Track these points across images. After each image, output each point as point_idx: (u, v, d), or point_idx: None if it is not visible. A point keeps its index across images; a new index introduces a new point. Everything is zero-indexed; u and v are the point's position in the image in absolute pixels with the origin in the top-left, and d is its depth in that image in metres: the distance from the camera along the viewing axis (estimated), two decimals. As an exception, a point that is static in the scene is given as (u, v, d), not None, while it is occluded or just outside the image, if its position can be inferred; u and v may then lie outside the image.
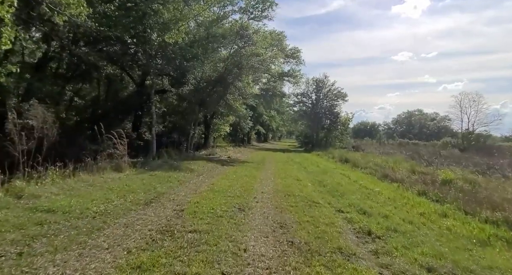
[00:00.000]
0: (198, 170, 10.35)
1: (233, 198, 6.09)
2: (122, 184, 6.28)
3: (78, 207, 4.34)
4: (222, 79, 15.54)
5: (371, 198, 7.56)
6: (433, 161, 19.11)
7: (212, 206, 5.23)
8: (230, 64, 15.96)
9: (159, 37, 12.09)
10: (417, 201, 7.22)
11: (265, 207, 5.63)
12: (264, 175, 10.42)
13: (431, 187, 8.83)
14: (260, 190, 7.46)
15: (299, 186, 8.45)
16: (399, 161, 16.90)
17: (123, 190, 5.72)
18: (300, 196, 6.93)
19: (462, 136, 43.39)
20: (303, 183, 9.05)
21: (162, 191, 6.12)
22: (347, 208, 6.22)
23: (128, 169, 7.88)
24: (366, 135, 69.41)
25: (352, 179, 11.14)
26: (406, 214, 6.06)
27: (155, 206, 5.04)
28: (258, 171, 11.56)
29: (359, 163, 16.76)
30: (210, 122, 22.38)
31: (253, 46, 15.67)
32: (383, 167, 14.63)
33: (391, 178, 11.11)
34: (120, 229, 3.73)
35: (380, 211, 6.01)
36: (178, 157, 12.39)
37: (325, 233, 4.28)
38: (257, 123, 39.66)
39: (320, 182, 9.69)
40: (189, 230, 3.91)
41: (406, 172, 12.49)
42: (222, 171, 10.87)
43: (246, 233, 4.03)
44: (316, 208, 5.90)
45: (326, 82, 39.25)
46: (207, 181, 8.29)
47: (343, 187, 8.96)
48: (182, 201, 5.55)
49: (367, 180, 10.97)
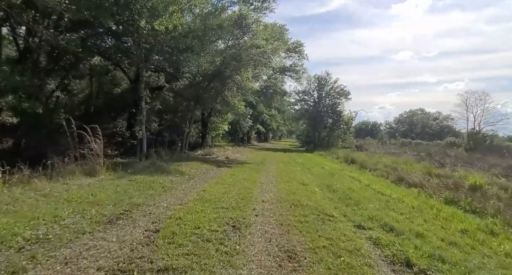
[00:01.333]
0: (190, 172, 9.12)
1: (226, 211, 4.88)
2: (88, 193, 5.03)
3: (3, 232, 3.13)
4: (220, 73, 14.32)
5: (392, 208, 6.35)
6: (445, 161, 17.92)
7: (198, 224, 4.02)
8: (228, 56, 14.72)
9: (148, 24, 10.87)
10: (448, 213, 6.00)
11: (266, 223, 4.42)
12: (265, 178, 9.21)
13: (458, 193, 7.62)
14: (260, 197, 6.26)
15: (306, 192, 7.24)
16: (409, 162, 15.71)
17: (85, 202, 4.48)
18: (309, 206, 5.72)
19: (468, 136, 42.20)
20: (310, 188, 7.83)
21: (138, 202, 4.90)
22: (368, 222, 5.02)
23: (104, 172, 6.67)
24: (367, 135, 68.42)
25: (363, 182, 9.94)
26: (444, 231, 4.84)
27: (122, 224, 3.81)
28: (259, 173, 10.35)
29: (366, 163, 15.55)
30: (208, 121, 21.14)
31: (252, 37, 14.43)
32: (395, 169, 13.42)
33: (408, 182, 9.90)
34: (52, 269, 2.52)
35: (410, 227, 4.81)
36: (169, 158, 11.18)
37: (351, 268, 3.07)
38: (257, 122, 38.40)
39: (329, 186, 8.49)
40: (158, 267, 2.70)
41: (422, 175, 11.29)
42: (217, 173, 9.65)
43: (241, 271, 2.82)
44: (330, 224, 4.69)
45: (329, 80, 38.00)
46: (198, 186, 7.07)
47: (356, 192, 7.75)
48: (160, 216, 4.32)
49: (380, 184, 9.76)
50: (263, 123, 42.91)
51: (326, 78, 37.83)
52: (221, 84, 15.10)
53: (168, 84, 15.45)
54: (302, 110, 40.20)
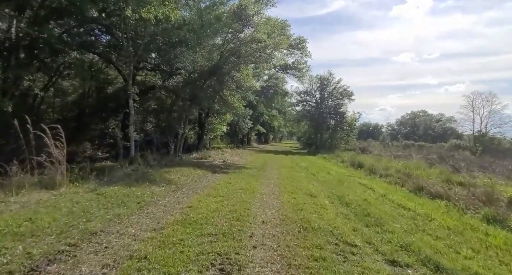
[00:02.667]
0: (179, 181, 7.87)
1: (214, 240, 3.64)
2: (28, 216, 3.72)
3: None
4: (217, 70, 13.10)
5: (423, 228, 5.13)
6: (460, 166, 16.68)
7: (170, 269, 2.78)
8: (226, 52, 13.52)
9: (135, 13, 9.69)
10: (500, 238, 4.75)
11: (268, 263, 3.18)
12: (265, 187, 7.98)
13: (497, 207, 6.37)
14: (260, 216, 5.02)
15: (316, 207, 6.00)
16: (422, 167, 14.44)
17: (12, 233, 3.18)
18: (322, 229, 4.48)
19: (474, 138, 40.96)
20: (320, 201, 6.59)
21: (96, 228, 3.63)
22: (402, 254, 3.79)
23: (67, 184, 5.42)
24: (368, 137, 67.19)
25: (378, 191, 8.70)
26: (507, 270, 3.60)
27: (53, 273, 2.58)
28: (259, 180, 9.11)
29: (375, 168, 14.30)
30: (205, 121, 19.91)
31: (253, 31, 13.23)
32: (408, 175, 12.18)
33: (429, 192, 8.65)
34: None
35: (461, 264, 3.57)
36: (158, 162, 9.94)
37: None
38: (257, 123, 37.11)
39: (340, 197, 7.25)
40: None
41: (441, 182, 10.05)
42: (211, 181, 8.40)
43: None
44: (355, 260, 3.46)
45: (331, 80, 36.79)
46: (185, 200, 5.82)
47: (373, 206, 6.52)
48: (119, 253, 3.07)
49: (398, 194, 8.51)
50: (263, 125, 41.61)
51: (329, 78, 36.66)
52: (219, 82, 13.87)
53: (161, 82, 14.21)
54: (303, 111, 38.95)
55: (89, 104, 19.33)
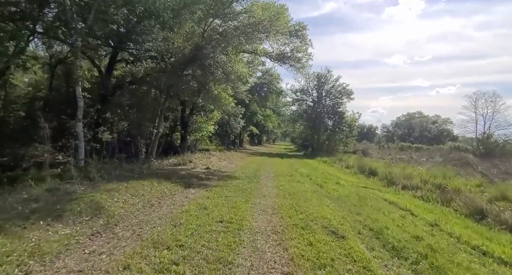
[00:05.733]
0: (120, 208, 4.90)
1: None
2: None
3: None
4: (198, 51, 10.20)
5: None
6: (489, 173, 14.22)
7: None
8: (210, 30, 10.64)
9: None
10: None
11: None
12: (260, 215, 5.13)
13: None
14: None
15: (353, 267, 3.19)
16: (448, 175, 11.82)
17: None
18: None
19: (478, 140, 39.07)
20: (353, 249, 3.77)
21: None
22: None
23: None
24: (363, 139, 65.15)
25: (422, 217, 5.97)
26: None
27: None
28: (249, 200, 6.24)
29: (395, 177, 11.58)
30: (189, 120, 16.92)
31: (244, 4, 10.43)
32: (441, 187, 9.55)
33: (497, 219, 5.95)
34: None
35: None
36: (106, 173, 6.95)
37: None
38: (250, 123, 34.26)
39: (378, 235, 4.49)
40: None
41: (500, 201, 7.38)
42: (176, 205, 5.48)
43: None
44: None
45: (329, 78, 34.18)
46: (97, 264, 2.93)
47: (441, 255, 3.78)
48: None
49: (453, 223, 5.78)
50: (257, 125, 38.77)
51: (327, 75, 34.07)
52: (202, 67, 10.95)
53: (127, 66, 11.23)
54: (300, 110, 36.20)
55: (50, 98, 16.21)
